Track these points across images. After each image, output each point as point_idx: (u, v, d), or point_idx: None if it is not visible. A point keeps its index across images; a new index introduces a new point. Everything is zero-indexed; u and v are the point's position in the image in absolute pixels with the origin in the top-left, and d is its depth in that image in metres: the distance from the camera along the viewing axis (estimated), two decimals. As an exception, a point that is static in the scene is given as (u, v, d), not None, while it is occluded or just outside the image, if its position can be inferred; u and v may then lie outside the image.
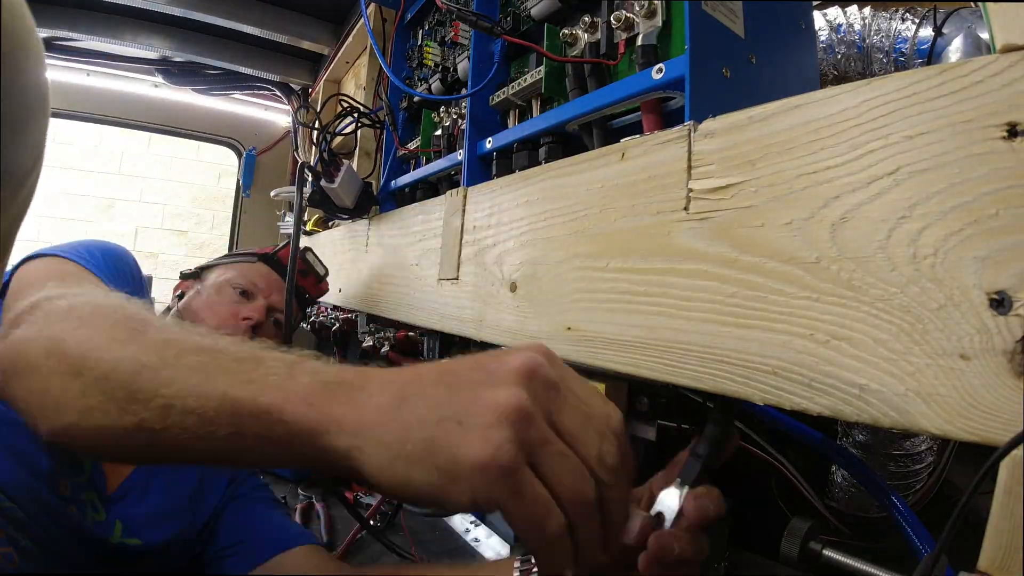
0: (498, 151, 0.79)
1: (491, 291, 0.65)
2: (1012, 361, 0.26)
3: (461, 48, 0.92)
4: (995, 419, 0.26)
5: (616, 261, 0.49)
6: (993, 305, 0.27)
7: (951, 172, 0.29)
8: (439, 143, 0.98)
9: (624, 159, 0.50)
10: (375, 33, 1.19)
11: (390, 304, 0.94)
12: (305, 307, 1.20)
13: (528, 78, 0.72)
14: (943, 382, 0.28)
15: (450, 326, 0.74)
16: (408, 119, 1.16)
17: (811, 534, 0.45)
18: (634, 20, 0.59)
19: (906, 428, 0.30)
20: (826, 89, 0.35)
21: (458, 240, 0.74)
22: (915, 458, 0.74)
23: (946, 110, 0.29)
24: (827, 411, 0.33)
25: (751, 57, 0.57)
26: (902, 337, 0.30)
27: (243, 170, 2.20)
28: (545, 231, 0.58)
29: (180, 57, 1.89)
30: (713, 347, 0.40)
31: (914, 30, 0.83)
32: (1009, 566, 0.26)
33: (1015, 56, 0.27)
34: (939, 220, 0.29)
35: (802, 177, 0.36)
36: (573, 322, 0.53)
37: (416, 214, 0.89)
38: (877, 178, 0.32)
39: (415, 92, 1.01)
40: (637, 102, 0.58)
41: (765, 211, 0.38)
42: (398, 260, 0.93)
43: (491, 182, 0.71)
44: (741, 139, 0.40)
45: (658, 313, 0.44)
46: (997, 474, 0.27)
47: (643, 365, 0.45)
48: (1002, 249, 0.27)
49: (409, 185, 1.10)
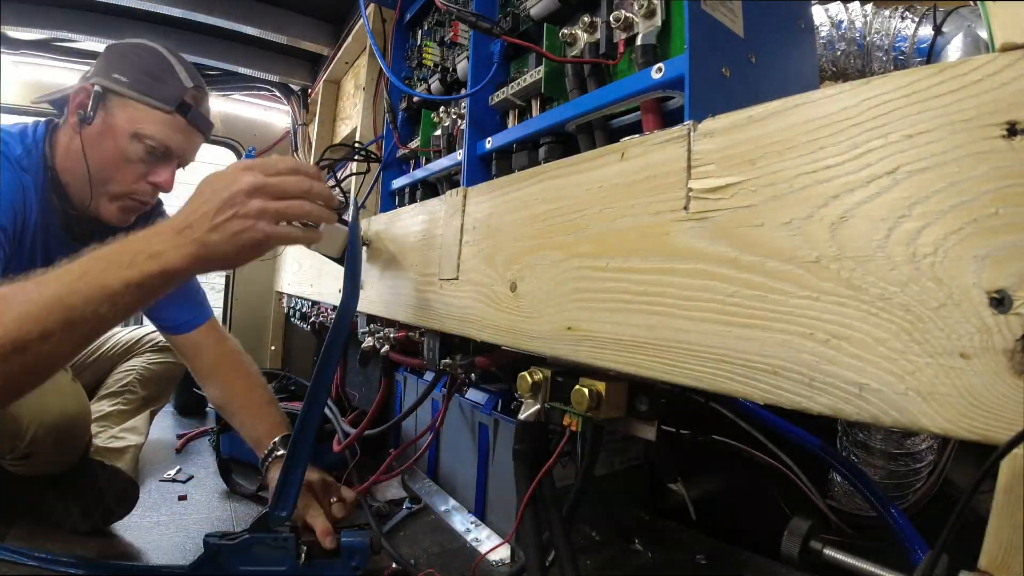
0: (498, 151, 0.79)
1: (491, 291, 0.65)
2: (1012, 360, 0.26)
3: (460, 48, 0.92)
4: (995, 418, 0.26)
5: (616, 261, 0.49)
6: (993, 304, 0.27)
7: (951, 171, 0.29)
8: (439, 143, 0.98)
9: (624, 159, 0.50)
10: (374, 33, 1.19)
11: (390, 304, 0.94)
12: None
13: (528, 78, 0.72)
14: (943, 381, 0.28)
15: (450, 326, 0.74)
16: (407, 119, 1.16)
17: (812, 533, 0.45)
18: (633, 20, 0.59)
19: (906, 427, 0.30)
20: (826, 88, 0.35)
21: (458, 240, 0.74)
22: (915, 457, 0.74)
23: (945, 109, 0.29)
24: (827, 410, 0.33)
25: (751, 56, 0.57)
26: (902, 336, 0.30)
27: (243, 171, 2.20)
28: (545, 231, 0.58)
29: (180, 58, 1.88)
30: (713, 346, 0.40)
31: (914, 28, 0.83)
32: (1009, 565, 0.26)
33: (1014, 55, 0.27)
34: (939, 219, 0.29)
35: (802, 176, 0.36)
36: (573, 321, 0.53)
37: (416, 214, 0.89)
38: (876, 177, 0.32)
39: (415, 92, 1.01)
40: (636, 102, 0.58)
41: (765, 210, 0.38)
42: (398, 260, 0.93)
43: (491, 182, 0.71)
44: (741, 139, 0.40)
45: (658, 312, 0.44)
46: (997, 473, 0.27)
47: (643, 364, 0.45)
48: (1002, 248, 0.27)
49: (408, 185, 1.10)
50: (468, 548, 1.02)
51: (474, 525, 1.09)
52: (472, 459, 1.15)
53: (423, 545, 1.02)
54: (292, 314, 1.92)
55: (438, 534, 1.08)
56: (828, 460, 0.52)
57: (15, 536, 0.90)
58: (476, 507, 1.13)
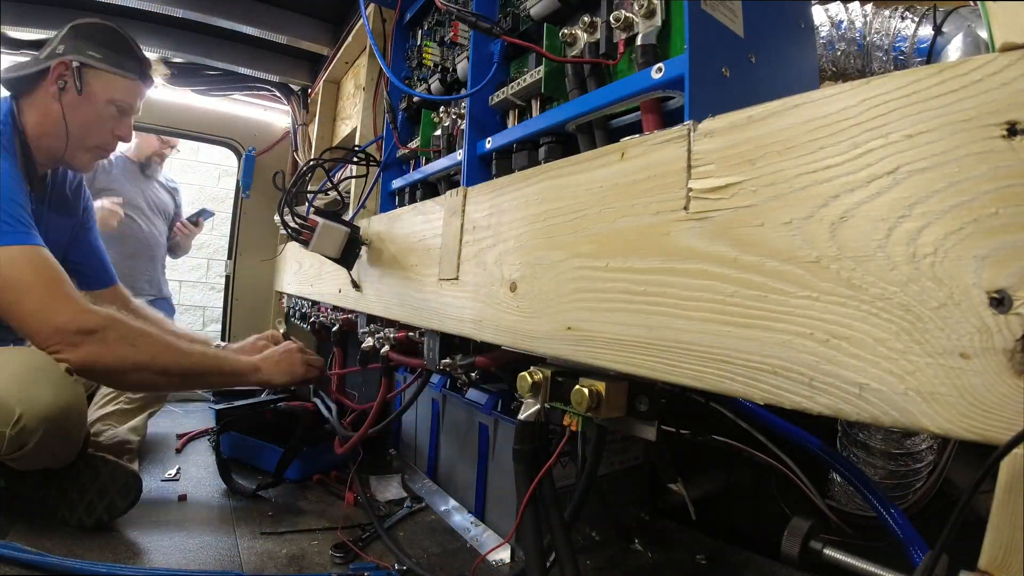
0: (498, 151, 0.79)
1: (491, 291, 0.65)
2: (1012, 360, 0.26)
3: (460, 48, 0.92)
4: (995, 418, 0.26)
5: (616, 261, 0.49)
6: (993, 304, 0.27)
7: (951, 171, 0.29)
8: (439, 143, 0.98)
9: (624, 159, 0.50)
10: (374, 33, 1.19)
11: (390, 304, 0.94)
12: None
13: (528, 78, 0.72)
14: (943, 381, 0.28)
15: (450, 326, 0.74)
16: (407, 119, 1.16)
17: (812, 533, 0.45)
18: (633, 20, 0.59)
19: (906, 427, 0.30)
20: (826, 88, 0.35)
21: (458, 240, 0.74)
22: (915, 457, 0.74)
23: (945, 109, 0.29)
24: (828, 410, 0.33)
25: (751, 56, 0.57)
26: (902, 336, 0.30)
27: (242, 170, 2.20)
28: (545, 231, 0.58)
29: (180, 58, 1.89)
30: (713, 346, 0.40)
31: (914, 29, 0.83)
32: (1009, 564, 0.26)
33: (1014, 55, 0.27)
34: (939, 219, 0.29)
35: (802, 176, 0.36)
36: (573, 322, 0.53)
37: (416, 214, 0.89)
38: (877, 177, 0.32)
39: (415, 92, 1.01)
40: (636, 102, 0.58)
41: (765, 210, 0.38)
42: (398, 260, 0.93)
43: (491, 182, 0.71)
44: (741, 138, 0.40)
45: (658, 313, 0.44)
46: (997, 473, 0.27)
47: (643, 365, 0.45)
48: (1002, 248, 0.27)
49: (408, 185, 1.10)
50: (468, 548, 1.03)
51: (474, 525, 1.10)
52: (472, 459, 1.15)
53: (423, 545, 1.02)
54: (292, 314, 1.92)
55: (438, 534, 1.08)
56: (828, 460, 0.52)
57: (17, 533, 0.90)
58: (476, 507, 1.13)
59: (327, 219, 0.98)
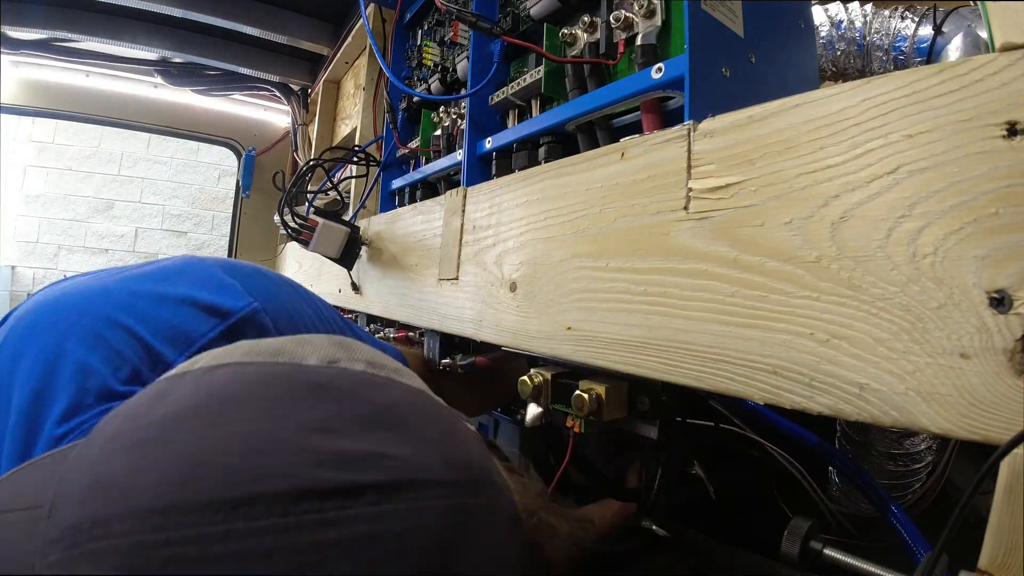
0: (498, 151, 0.79)
1: (491, 291, 0.65)
2: (1012, 360, 0.26)
3: (460, 48, 0.92)
4: (996, 418, 0.26)
5: (616, 261, 0.49)
6: (993, 304, 0.27)
7: (951, 171, 0.29)
8: (438, 143, 0.98)
9: (624, 159, 0.50)
10: (374, 33, 1.19)
11: (390, 304, 0.94)
12: None
13: (527, 78, 0.72)
14: (943, 381, 0.28)
15: (450, 326, 0.74)
16: (407, 119, 1.16)
17: (812, 533, 0.45)
18: (633, 20, 0.59)
19: (906, 427, 0.30)
20: (826, 88, 0.35)
21: (458, 240, 0.74)
22: (914, 457, 0.74)
23: (946, 109, 0.29)
24: (827, 410, 0.33)
25: (751, 56, 0.57)
26: (902, 336, 0.30)
27: (243, 171, 2.20)
28: (545, 231, 0.58)
29: (179, 58, 1.89)
30: (713, 346, 0.40)
31: (914, 28, 0.83)
32: (1010, 565, 0.26)
33: (1014, 55, 0.27)
34: (939, 219, 0.29)
35: (802, 176, 0.36)
36: (573, 322, 0.53)
37: (416, 214, 0.89)
38: (877, 177, 0.32)
39: (414, 92, 1.01)
40: (636, 102, 0.58)
41: (765, 210, 0.38)
42: (398, 260, 0.93)
43: (491, 182, 0.71)
44: (741, 138, 0.40)
45: (658, 313, 0.44)
46: (997, 473, 0.27)
47: (643, 365, 0.45)
48: (1002, 248, 0.27)
49: (408, 185, 1.10)
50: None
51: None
52: (472, 459, 1.15)
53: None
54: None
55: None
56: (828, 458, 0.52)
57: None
58: (476, 507, 1.13)
59: (327, 219, 0.98)
